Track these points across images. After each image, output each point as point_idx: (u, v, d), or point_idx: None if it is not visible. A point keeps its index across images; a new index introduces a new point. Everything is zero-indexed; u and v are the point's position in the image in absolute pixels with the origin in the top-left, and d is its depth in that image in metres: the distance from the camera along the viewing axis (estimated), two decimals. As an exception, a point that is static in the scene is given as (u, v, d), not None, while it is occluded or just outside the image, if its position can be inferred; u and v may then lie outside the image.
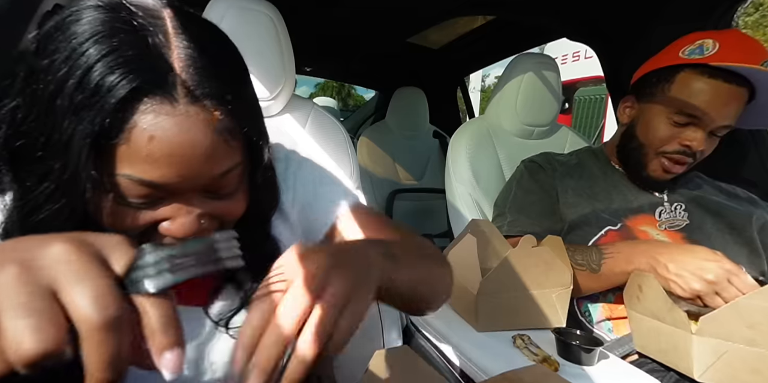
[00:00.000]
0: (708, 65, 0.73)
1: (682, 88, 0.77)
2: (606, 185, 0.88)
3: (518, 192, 0.92)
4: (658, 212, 0.83)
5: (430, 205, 1.91)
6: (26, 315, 0.18)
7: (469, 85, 3.40)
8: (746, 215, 0.82)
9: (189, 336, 0.41)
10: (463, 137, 1.12)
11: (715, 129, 0.76)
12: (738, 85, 0.73)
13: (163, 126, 0.29)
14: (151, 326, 0.21)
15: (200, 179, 0.33)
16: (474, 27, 1.64)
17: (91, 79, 0.28)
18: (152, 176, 0.30)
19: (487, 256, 0.77)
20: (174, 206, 0.33)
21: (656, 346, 0.63)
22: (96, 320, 0.19)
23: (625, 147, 0.87)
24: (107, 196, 0.31)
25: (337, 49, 1.96)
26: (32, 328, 0.18)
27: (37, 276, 0.19)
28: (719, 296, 0.60)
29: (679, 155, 0.78)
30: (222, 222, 0.37)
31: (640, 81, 0.86)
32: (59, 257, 0.20)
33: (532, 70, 1.09)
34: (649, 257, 0.68)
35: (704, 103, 0.74)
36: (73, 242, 0.21)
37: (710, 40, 0.76)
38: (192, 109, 0.30)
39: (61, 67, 0.28)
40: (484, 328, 0.70)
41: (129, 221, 0.33)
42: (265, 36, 0.77)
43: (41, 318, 0.18)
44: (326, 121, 0.87)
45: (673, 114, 0.77)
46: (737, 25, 1.05)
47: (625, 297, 0.67)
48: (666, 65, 0.80)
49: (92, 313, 0.19)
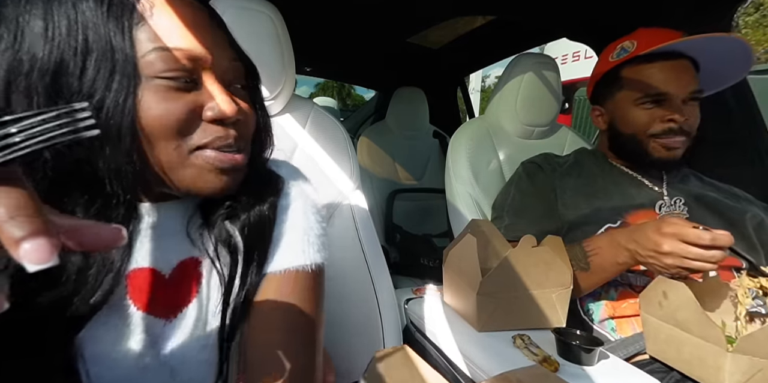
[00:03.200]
0: (639, 55, 0.81)
1: (631, 80, 0.83)
2: (605, 182, 0.88)
3: (516, 194, 0.92)
4: (659, 206, 0.83)
5: (430, 205, 1.91)
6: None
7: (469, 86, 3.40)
8: (742, 212, 0.83)
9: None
10: (463, 137, 1.12)
11: (687, 97, 0.80)
12: (673, 59, 0.80)
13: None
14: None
15: (224, 54, 0.39)
16: (474, 27, 1.63)
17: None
18: (177, 43, 0.35)
19: (487, 256, 0.77)
20: (210, 86, 0.37)
21: (676, 355, 0.61)
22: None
23: (618, 144, 0.90)
24: (147, 84, 0.34)
25: (337, 49, 1.96)
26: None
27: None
28: (687, 259, 0.60)
29: (670, 134, 0.80)
30: (241, 134, 0.40)
31: (594, 92, 0.95)
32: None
33: (532, 70, 1.09)
34: (624, 250, 0.68)
35: (660, 82, 0.80)
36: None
37: (626, 41, 0.86)
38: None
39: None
40: (484, 328, 0.70)
41: (178, 109, 0.35)
42: (265, 36, 0.77)
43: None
44: (326, 121, 0.87)
45: (638, 100, 0.82)
46: (737, 25, 1.06)
47: (643, 300, 0.65)
48: (604, 72, 0.89)
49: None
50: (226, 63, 0.39)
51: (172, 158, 0.36)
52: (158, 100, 0.34)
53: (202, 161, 0.37)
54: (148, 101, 0.34)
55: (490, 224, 0.82)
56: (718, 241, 0.58)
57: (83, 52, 0.32)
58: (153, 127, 0.34)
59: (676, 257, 0.61)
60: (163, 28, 0.35)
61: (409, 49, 1.87)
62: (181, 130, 0.36)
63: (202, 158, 0.37)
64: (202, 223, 0.43)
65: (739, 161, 1.04)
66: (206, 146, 0.37)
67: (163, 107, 0.35)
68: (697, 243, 0.59)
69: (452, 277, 0.80)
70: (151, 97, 0.34)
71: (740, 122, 1.03)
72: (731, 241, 0.59)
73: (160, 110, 0.34)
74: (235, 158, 0.39)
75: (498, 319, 0.70)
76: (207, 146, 0.37)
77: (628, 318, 0.77)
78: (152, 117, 0.34)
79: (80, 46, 0.32)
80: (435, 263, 1.53)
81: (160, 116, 0.35)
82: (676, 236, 0.61)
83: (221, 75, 0.39)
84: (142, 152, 0.35)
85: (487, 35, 1.67)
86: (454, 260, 0.79)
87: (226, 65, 0.39)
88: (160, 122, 0.35)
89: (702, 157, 0.84)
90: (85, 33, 0.32)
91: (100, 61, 0.33)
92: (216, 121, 0.37)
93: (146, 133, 0.34)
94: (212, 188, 0.39)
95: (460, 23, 1.60)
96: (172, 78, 0.35)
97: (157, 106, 0.34)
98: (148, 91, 0.34)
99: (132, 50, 0.33)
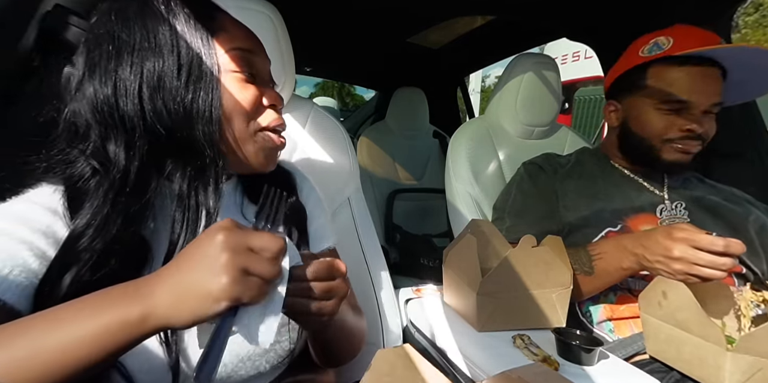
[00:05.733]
0: (672, 56, 0.77)
1: (658, 80, 0.79)
2: (606, 183, 0.88)
3: (518, 196, 0.91)
4: (659, 210, 0.83)
5: (430, 205, 1.91)
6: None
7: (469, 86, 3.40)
8: (744, 215, 0.82)
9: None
10: (463, 137, 1.11)
11: (708, 109, 0.77)
12: (705, 66, 0.76)
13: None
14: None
15: (265, 55, 0.52)
16: (474, 27, 1.63)
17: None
18: (244, 45, 0.47)
19: (487, 256, 0.77)
20: (262, 79, 0.51)
21: (676, 355, 0.61)
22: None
23: (628, 145, 0.87)
24: (226, 76, 0.46)
25: (337, 49, 1.96)
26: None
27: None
28: (696, 266, 0.59)
29: (686, 140, 0.78)
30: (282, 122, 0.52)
31: (614, 86, 0.89)
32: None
33: (532, 70, 1.09)
34: (630, 255, 0.68)
35: (684, 88, 0.76)
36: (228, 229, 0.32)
37: (662, 37, 0.80)
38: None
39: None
40: (484, 328, 0.70)
41: (249, 96, 0.47)
42: (264, 36, 0.77)
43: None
44: (326, 121, 0.87)
45: (659, 104, 0.79)
46: (737, 25, 1.06)
47: (643, 300, 0.65)
48: (631, 67, 0.83)
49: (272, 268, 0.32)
50: (268, 66, 0.53)
51: (243, 134, 0.47)
52: (235, 89, 0.46)
53: (262, 139, 0.49)
54: (227, 90, 0.45)
55: (490, 224, 0.81)
56: (731, 248, 0.57)
57: (178, 57, 0.43)
58: (231, 110, 0.46)
59: (685, 263, 0.60)
60: (234, 33, 0.47)
61: (409, 49, 1.87)
62: (250, 113, 0.47)
63: (263, 137, 0.49)
64: (249, 203, 0.55)
65: (739, 162, 1.04)
66: (266, 128, 0.49)
67: (238, 94, 0.46)
68: (710, 250, 0.58)
69: (452, 277, 0.80)
70: (229, 86, 0.46)
71: (740, 122, 1.03)
72: (743, 249, 0.58)
73: (236, 97, 0.46)
74: (282, 140, 0.51)
75: (498, 319, 0.70)
76: (267, 128, 0.49)
77: (626, 319, 0.77)
78: (231, 103, 0.46)
79: (176, 54, 0.43)
80: (435, 263, 1.53)
81: (236, 101, 0.46)
82: (688, 242, 0.60)
83: (265, 73, 0.52)
84: (223, 129, 0.45)
85: (487, 35, 1.67)
86: (454, 260, 0.79)
87: (268, 67, 0.52)
88: (237, 106, 0.46)
89: (702, 158, 0.84)
90: (179, 43, 0.43)
91: (191, 65, 0.43)
92: (272, 106, 0.49)
93: (226, 115, 0.45)
94: (264, 162, 0.50)
95: (460, 23, 1.60)
96: (243, 72, 0.47)
97: (237, 94, 0.46)
98: (227, 82, 0.45)
99: (214, 53, 0.44)
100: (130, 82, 0.41)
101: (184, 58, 0.43)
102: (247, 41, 0.48)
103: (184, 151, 0.44)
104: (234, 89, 0.46)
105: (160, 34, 0.42)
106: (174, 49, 0.42)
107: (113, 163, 0.41)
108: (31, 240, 0.38)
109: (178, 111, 0.43)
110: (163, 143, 0.43)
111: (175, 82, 0.42)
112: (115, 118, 0.41)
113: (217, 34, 0.45)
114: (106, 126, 0.41)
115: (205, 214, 0.44)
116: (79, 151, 0.42)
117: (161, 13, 0.43)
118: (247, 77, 0.47)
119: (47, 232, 0.39)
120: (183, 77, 0.43)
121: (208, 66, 0.44)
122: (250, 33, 0.49)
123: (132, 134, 0.42)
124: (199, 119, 0.43)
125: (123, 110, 0.41)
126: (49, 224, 0.39)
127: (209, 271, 0.30)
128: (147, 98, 0.42)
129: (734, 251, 0.58)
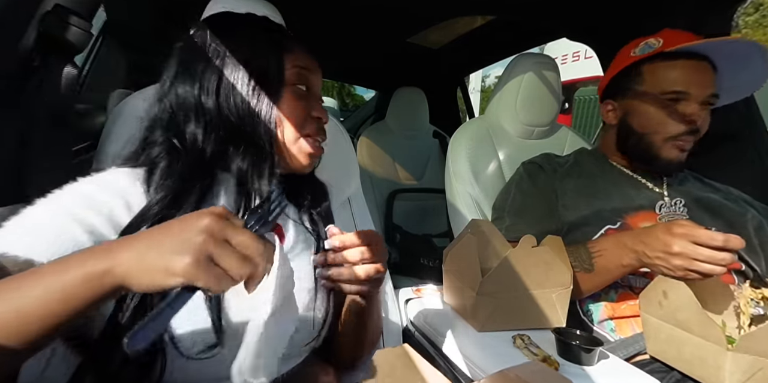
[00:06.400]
0: (664, 52, 0.80)
1: (653, 76, 0.82)
2: (605, 182, 0.88)
3: (517, 195, 0.91)
4: (659, 207, 0.83)
5: (430, 205, 1.91)
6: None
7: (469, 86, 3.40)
8: (741, 214, 0.83)
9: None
10: (463, 137, 1.11)
11: (705, 99, 0.79)
12: (697, 60, 0.79)
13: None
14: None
15: (319, 71, 0.59)
16: (474, 27, 1.63)
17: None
18: (306, 64, 0.56)
19: (487, 256, 0.77)
20: (314, 94, 0.58)
21: (677, 355, 0.61)
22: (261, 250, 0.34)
23: (627, 142, 0.88)
24: (288, 88, 0.54)
25: (337, 49, 1.96)
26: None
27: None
28: (696, 261, 0.59)
29: (685, 135, 0.80)
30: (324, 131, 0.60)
31: (609, 86, 0.92)
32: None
33: (532, 70, 1.09)
34: (630, 251, 0.68)
35: (681, 79, 0.79)
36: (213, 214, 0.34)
37: (651, 39, 0.84)
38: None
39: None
40: (484, 328, 0.70)
41: (302, 107, 0.55)
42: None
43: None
44: (326, 121, 0.87)
45: (657, 97, 0.81)
46: (737, 25, 1.06)
47: (643, 300, 0.65)
48: (625, 66, 0.86)
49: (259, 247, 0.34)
50: (320, 80, 0.59)
51: (291, 137, 0.54)
52: (292, 100, 0.54)
53: (304, 145, 0.56)
54: (286, 99, 0.53)
55: (490, 224, 0.81)
56: (730, 243, 0.58)
57: (250, 69, 0.51)
58: (287, 116, 0.54)
59: (685, 259, 0.60)
60: (299, 54, 0.55)
61: (409, 49, 1.87)
62: (298, 122, 0.54)
63: (304, 143, 0.56)
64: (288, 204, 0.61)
65: (739, 161, 1.04)
66: (309, 135, 0.56)
67: (296, 104, 0.54)
68: (709, 244, 0.59)
69: (452, 277, 0.80)
70: (288, 96, 0.54)
71: (740, 121, 1.03)
72: (742, 244, 0.58)
73: (294, 106, 0.54)
74: (320, 149, 0.58)
75: (498, 319, 0.70)
76: (309, 135, 0.56)
77: (628, 318, 0.77)
78: (287, 110, 0.53)
79: (250, 66, 0.51)
80: (435, 263, 1.53)
81: (292, 110, 0.54)
82: (687, 237, 0.60)
83: (318, 89, 0.59)
84: (280, 128, 0.53)
85: (487, 35, 1.67)
86: (454, 260, 0.79)
87: (320, 82, 0.60)
88: (291, 113, 0.54)
89: (701, 157, 0.84)
90: (254, 59, 0.52)
91: (260, 76, 0.52)
92: (317, 118, 0.57)
93: (281, 119, 0.53)
94: (303, 164, 0.57)
95: (460, 23, 1.60)
96: (301, 86, 0.55)
97: (293, 103, 0.54)
98: (287, 93, 0.54)
99: (282, 70, 0.53)
100: (212, 84, 0.51)
101: (254, 70, 0.51)
102: (307, 61, 0.56)
103: (248, 143, 0.52)
104: (291, 100, 0.54)
105: (240, 51, 0.52)
106: (249, 63, 0.52)
107: (191, 142, 0.50)
108: (91, 222, 0.41)
109: (246, 110, 0.51)
110: (232, 134, 0.52)
111: (246, 88, 0.51)
112: (197, 109, 0.51)
113: (286, 53, 0.54)
114: (188, 114, 0.51)
115: (257, 200, 0.52)
116: (163, 134, 0.51)
117: (246, 35, 0.54)
118: (303, 91, 0.56)
119: (109, 215, 0.43)
120: (252, 84, 0.51)
121: (275, 78, 0.53)
122: (310, 54, 0.57)
123: (209, 122, 0.51)
124: (261, 118, 0.52)
125: (204, 103, 0.51)
126: (112, 208, 0.44)
127: (178, 247, 0.30)
128: (224, 97, 0.51)
129: (733, 246, 0.58)
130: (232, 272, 0.31)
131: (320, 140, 0.58)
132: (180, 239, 0.31)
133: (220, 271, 0.31)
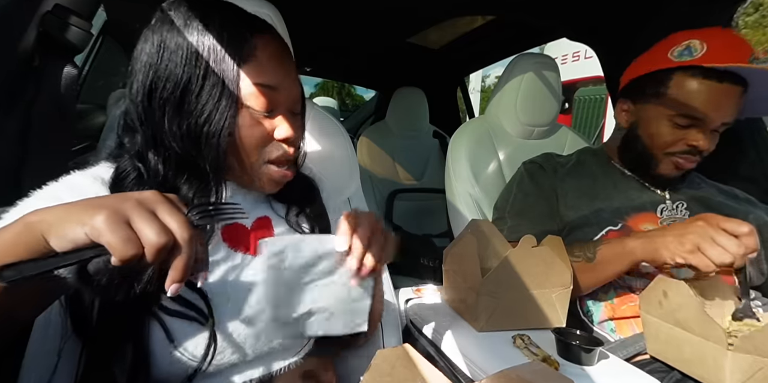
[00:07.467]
0: (701, 66, 0.73)
1: (679, 90, 0.77)
2: (607, 183, 0.88)
3: (518, 195, 0.91)
4: (660, 210, 0.83)
5: (430, 205, 1.91)
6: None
7: (469, 86, 3.40)
8: (744, 214, 0.82)
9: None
10: (463, 137, 1.11)
11: (717, 127, 0.76)
12: (731, 83, 0.74)
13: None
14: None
15: (294, 85, 0.51)
16: (474, 27, 1.63)
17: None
18: (270, 81, 0.47)
19: (487, 256, 0.77)
20: (281, 114, 0.50)
21: (677, 355, 0.61)
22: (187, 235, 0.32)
23: (630, 149, 0.87)
24: (243, 110, 0.47)
25: (337, 49, 1.96)
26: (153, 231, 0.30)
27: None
28: (711, 242, 0.60)
29: (687, 155, 0.79)
30: (295, 149, 0.53)
31: (633, 84, 0.86)
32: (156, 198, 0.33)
33: (532, 70, 1.09)
34: (636, 237, 0.69)
35: (703, 104, 0.74)
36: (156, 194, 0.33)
37: (696, 40, 0.76)
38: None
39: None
40: (485, 328, 0.70)
41: (260, 132, 0.48)
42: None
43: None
44: (326, 121, 0.87)
45: (674, 116, 0.78)
46: (737, 25, 1.05)
47: (643, 299, 0.65)
48: (658, 69, 0.80)
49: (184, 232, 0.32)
50: (294, 93, 0.52)
51: (253, 162, 0.50)
52: (249, 124, 0.47)
53: (268, 171, 0.51)
54: (241, 122, 0.47)
55: (490, 224, 0.81)
56: (751, 238, 0.59)
57: (203, 77, 0.45)
58: (243, 142, 0.48)
59: (702, 236, 0.61)
60: (263, 66, 0.47)
61: (409, 49, 1.87)
62: (259, 145, 0.49)
63: (268, 170, 0.51)
64: (276, 202, 0.59)
65: (739, 161, 1.04)
66: (273, 161, 0.51)
67: (251, 130, 0.48)
68: (734, 232, 0.60)
69: (452, 277, 0.80)
70: (244, 119, 0.47)
71: (741, 123, 1.03)
72: (757, 247, 0.60)
73: (249, 132, 0.48)
74: (287, 174, 0.53)
75: (498, 319, 0.70)
76: (274, 162, 0.51)
77: (628, 319, 0.77)
78: (243, 135, 0.47)
79: (202, 72, 0.45)
80: (435, 263, 1.53)
81: (248, 135, 0.48)
82: (716, 219, 0.62)
83: (290, 105, 0.51)
84: (232, 156, 0.48)
85: (487, 35, 1.67)
86: (454, 260, 0.79)
87: (294, 95, 0.52)
88: (248, 140, 0.48)
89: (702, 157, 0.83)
90: (207, 62, 0.45)
91: (214, 87, 0.45)
92: (282, 140, 0.50)
93: (237, 144, 0.47)
94: (269, 189, 0.54)
95: (460, 23, 1.61)
96: (260, 108, 0.47)
97: (248, 129, 0.47)
98: (243, 115, 0.47)
99: (237, 82, 0.46)
100: (160, 97, 0.45)
101: (208, 83, 0.45)
102: (273, 75, 0.48)
103: (192, 170, 0.47)
104: (247, 123, 0.47)
105: (193, 56, 0.45)
106: (200, 71, 0.45)
107: (151, 168, 0.47)
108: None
109: (190, 132, 0.46)
110: (177, 156, 0.47)
111: (194, 105, 0.45)
112: (146, 126, 0.46)
113: (246, 62, 0.46)
114: (136, 127, 0.47)
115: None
116: (130, 148, 0.49)
117: (198, 28, 0.45)
118: (265, 114, 0.48)
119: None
120: (202, 100, 0.45)
121: (228, 97, 0.45)
122: (280, 60, 0.49)
123: (161, 144, 0.47)
124: (206, 143, 0.46)
125: (151, 119, 0.46)
126: (98, 192, 0.45)
127: (99, 206, 0.31)
128: (170, 114, 0.45)
129: (750, 244, 0.59)
130: (142, 237, 0.30)
131: (287, 169, 0.53)
132: (110, 201, 0.31)
133: (131, 234, 0.30)
